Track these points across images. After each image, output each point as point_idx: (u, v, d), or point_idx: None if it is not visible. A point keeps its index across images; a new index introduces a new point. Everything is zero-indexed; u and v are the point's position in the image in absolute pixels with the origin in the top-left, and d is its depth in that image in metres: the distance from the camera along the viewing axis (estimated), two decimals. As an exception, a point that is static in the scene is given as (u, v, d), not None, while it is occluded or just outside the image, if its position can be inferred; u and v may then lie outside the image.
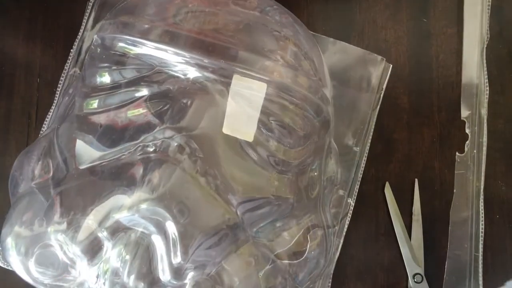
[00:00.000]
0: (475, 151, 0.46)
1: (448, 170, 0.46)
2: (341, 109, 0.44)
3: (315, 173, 0.39)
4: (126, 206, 0.32)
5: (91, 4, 0.46)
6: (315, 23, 0.47)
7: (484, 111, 0.46)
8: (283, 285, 0.35)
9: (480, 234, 0.45)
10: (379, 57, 0.45)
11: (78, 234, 0.32)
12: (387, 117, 0.47)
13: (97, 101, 0.35)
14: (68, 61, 0.46)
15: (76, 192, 0.33)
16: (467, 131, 0.46)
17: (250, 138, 0.34)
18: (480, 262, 0.45)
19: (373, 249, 0.45)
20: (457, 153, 0.46)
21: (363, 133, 0.45)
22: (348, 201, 0.44)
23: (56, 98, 0.45)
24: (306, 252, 0.36)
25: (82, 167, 0.34)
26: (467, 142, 0.46)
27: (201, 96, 0.34)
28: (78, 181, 0.34)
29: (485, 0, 0.47)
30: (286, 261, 0.35)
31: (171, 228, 0.32)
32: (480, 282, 0.45)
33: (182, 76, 0.34)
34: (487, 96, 0.47)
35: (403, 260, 0.45)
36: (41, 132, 0.45)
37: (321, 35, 0.46)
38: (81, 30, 0.46)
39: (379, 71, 0.45)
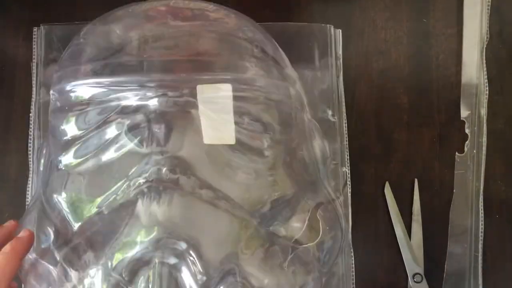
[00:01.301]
0: (474, 151, 0.46)
1: (448, 170, 0.46)
2: (306, 85, 0.44)
3: (305, 153, 0.39)
4: (136, 245, 0.32)
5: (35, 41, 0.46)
6: (315, 23, 0.47)
7: (483, 111, 0.47)
8: (310, 270, 0.35)
9: (480, 234, 0.45)
10: (325, 25, 0.46)
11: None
12: (387, 117, 0.47)
13: (73, 153, 0.35)
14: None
15: (83, 248, 0.33)
16: (466, 131, 0.46)
17: (232, 141, 0.34)
18: (480, 262, 0.45)
19: (373, 249, 0.45)
20: (456, 153, 0.46)
21: (336, 102, 0.45)
22: (343, 170, 0.45)
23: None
24: (321, 231, 0.36)
25: (78, 223, 0.34)
26: (467, 142, 0.46)
27: (176, 115, 0.34)
28: (80, 238, 0.33)
29: (485, 0, 0.47)
30: (305, 245, 0.35)
31: (186, 250, 0.32)
32: (480, 282, 0.45)
33: (149, 103, 0.33)
34: (487, 96, 0.47)
35: (403, 260, 0.45)
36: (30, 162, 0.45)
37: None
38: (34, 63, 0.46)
39: (328, 37, 0.46)
